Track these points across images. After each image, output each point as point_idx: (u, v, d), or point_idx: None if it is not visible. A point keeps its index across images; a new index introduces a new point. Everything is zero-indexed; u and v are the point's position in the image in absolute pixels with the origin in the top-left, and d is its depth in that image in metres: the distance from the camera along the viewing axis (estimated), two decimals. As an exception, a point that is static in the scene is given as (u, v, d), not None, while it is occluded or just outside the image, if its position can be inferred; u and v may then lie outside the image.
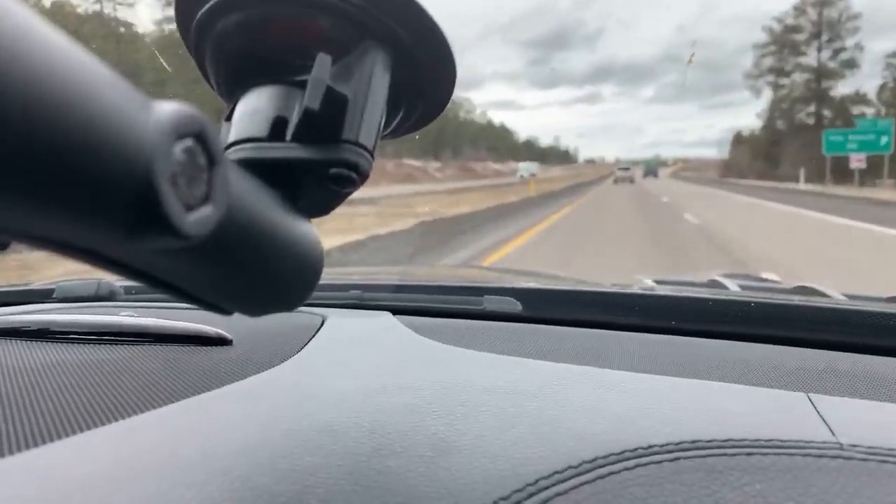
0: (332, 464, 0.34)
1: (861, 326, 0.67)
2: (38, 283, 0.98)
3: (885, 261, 6.78)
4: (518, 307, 0.79)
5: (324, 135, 0.27)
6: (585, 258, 6.82)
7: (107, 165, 0.15)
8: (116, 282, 0.93)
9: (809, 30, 52.24)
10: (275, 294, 0.27)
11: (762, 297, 0.76)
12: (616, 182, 38.66)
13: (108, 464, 0.36)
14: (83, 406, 0.45)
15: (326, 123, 0.27)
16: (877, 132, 33.90)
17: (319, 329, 0.68)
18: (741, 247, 7.69)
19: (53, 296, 0.91)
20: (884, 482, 0.33)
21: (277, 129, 0.27)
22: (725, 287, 1.02)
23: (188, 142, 0.18)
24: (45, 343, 0.62)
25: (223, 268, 0.23)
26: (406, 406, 0.43)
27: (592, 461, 0.34)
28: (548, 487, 0.32)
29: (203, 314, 0.40)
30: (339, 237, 7.16)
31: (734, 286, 1.01)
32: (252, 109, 0.27)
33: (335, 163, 0.27)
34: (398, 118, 0.32)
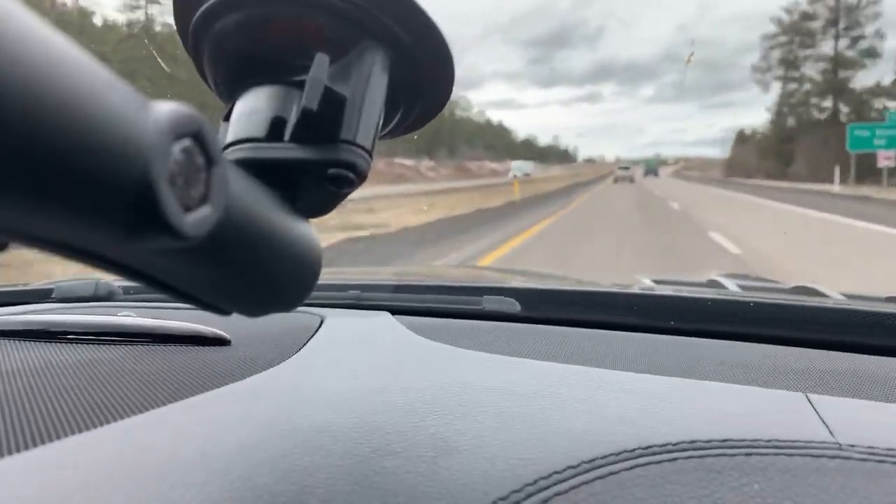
0: (331, 464, 0.34)
1: (860, 326, 0.67)
2: (37, 284, 0.98)
3: None
4: (517, 307, 0.79)
5: (322, 135, 0.27)
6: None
7: (105, 166, 0.15)
8: (115, 282, 0.93)
9: (825, 16, 48.09)
10: (273, 294, 0.27)
11: (761, 298, 0.76)
12: (616, 181, 38.42)
13: (107, 464, 0.36)
14: (82, 406, 0.45)
15: (325, 123, 0.26)
16: (909, 126, 27.85)
17: (318, 329, 0.68)
18: None
19: (52, 296, 0.91)
20: (882, 482, 0.33)
21: (276, 130, 0.27)
22: (725, 287, 1.02)
23: (186, 142, 0.18)
24: (44, 343, 0.62)
25: (221, 268, 0.23)
26: (405, 406, 0.43)
27: (591, 461, 0.34)
28: (547, 488, 0.32)
29: (201, 314, 0.40)
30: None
31: (733, 286, 1.01)
32: (250, 109, 0.27)
33: (333, 163, 0.27)
34: (397, 118, 0.32)
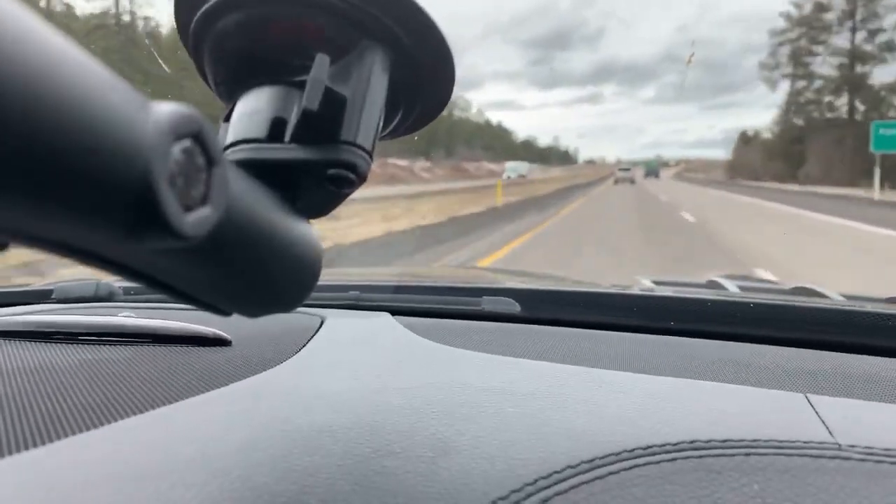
0: (331, 464, 0.34)
1: (859, 327, 0.67)
2: (38, 284, 0.98)
3: None
4: (516, 308, 0.79)
5: (322, 135, 0.27)
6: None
7: (105, 166, 0.15)
8: (115, 282, 0.93)
9: (841, 7, 45.28)
10: (273, 295, 0.27)
11: (761, 298, 0.76)
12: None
13: (108, 464, 0.36)
14: (82, 406, 0.45)
15: (325, 124, 0.27)
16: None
17: (318, 330, 0.68)
18: None
19: (52, 296, 0.91)
20: (881, 482, 0.33)
21: (276, 130, 0.27)
22: (724, 288, 1.02)
23: (186, 142, 0.18)
24: (44, 344, 0.62)
25: (222, 268, 0.23)
26: (405, 406, 0.43)
27: (591, 462, 0.35)
28: (546, 488, 0.32)
29: (201, 315, 0.40)
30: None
31: (733, 287, 1.01)
32: (251, 110, 0.27)
33: (333, 163, 0.27)
34: (397, 118, 0.32)
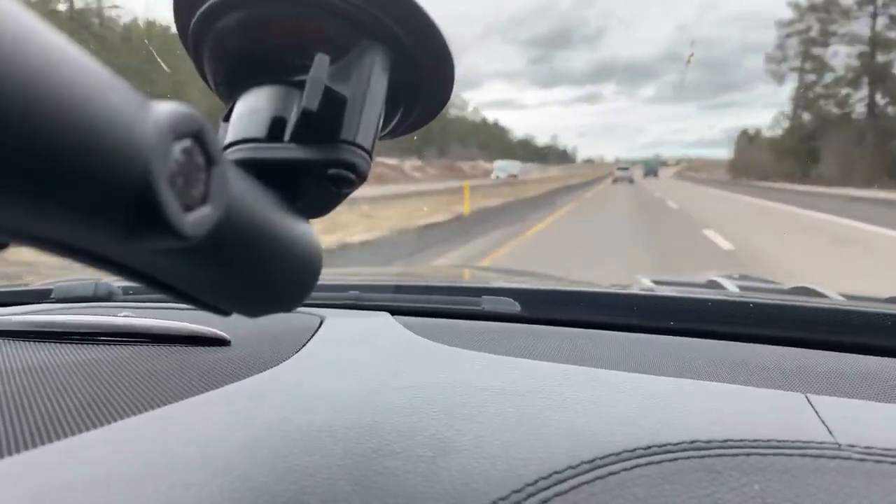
0: (331, 464, 0.34)
1: (859, 327, 0.67)
2: (37, 284, 0.98)
3: None
4: (516, 308, 0.79)
5: (322, 135, 0.27)
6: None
7: (105, 166, 0.15)
8: (115, 282, 0.93)
9: None
10: (273, 295, 0.27)
11: (761, 298, 0.76)
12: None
13: (107, 464, 0.36)
14: (81, 407, 0.45)
15: (325, 124, 0.26)
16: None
17: (318, 329, 0.68)
18: None
19: (51, 296, 0.91)
20: (881, 482, 0.33)
21: (276, 130, 0.27)
22: (724, 288, 1.02)
23: (186, 142, 0.18)
24: (43, 343, 0.62)
25: (221, 268, 0.23)
26: (405, 406, 0.43)
27: (591, 462, 0.35)
28: (547, 488, 0.32)
29: (201, 315, 0.40)
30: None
31: (733, 287, 1.01)
32: (250, 110, 0.27)
33: (333, 163, 0.27)
34: (397, 118, 0.32)
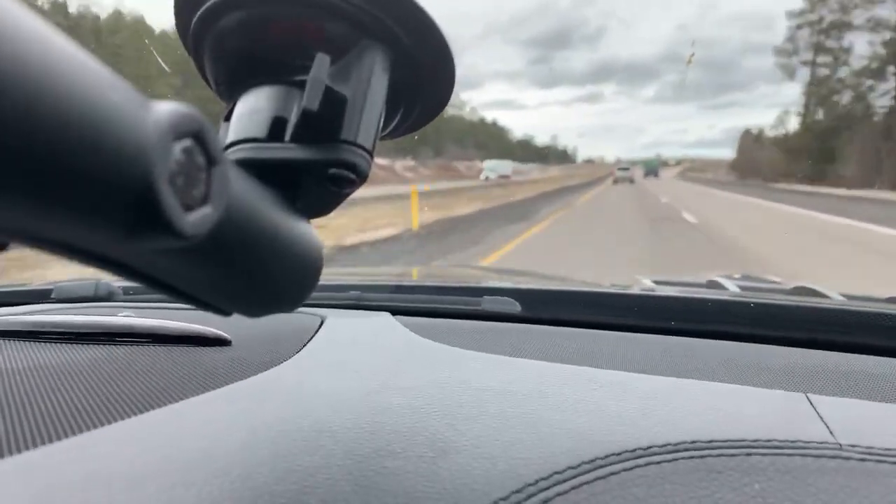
0: (332, 464, 0.34)
1: (860, 327, 0.67)
2: (37, 284, 0.98)
3: None
4: (517, 308, 0.79)
5: (322, 135, 0.27)
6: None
7: (106, 165, 0.15)
8: (115, 282, 0.93)
9: None
10: (274, 295, 0.27)
11: (761, 298, 0.76)
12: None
13: (108, 465, 0.36)
14: (82, 407, 0.45)
15: (325, 124, 0.26)
16: None
17: (318, 329, 0.68)
18: None
19: (52, 296, 0.91)
20: (882, 482, 0.33)
21: (276, 130, 0.27)
22: (725, 288, 1.02)
23: (187, 142, 0.18)
24: (44, 344, 0.62)
25: (222, 268, 0.23)
26: (405, 406, 0.43)
27: (592, 462, 0.35)
28: (547, 488, 0.32)
29: (202, 315, 0.40)
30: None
31: (733, 287, 1.01)
32: (251, 109, 0.27)
33: (334, 163, 0.27)
34: (397, 118, 0.32)
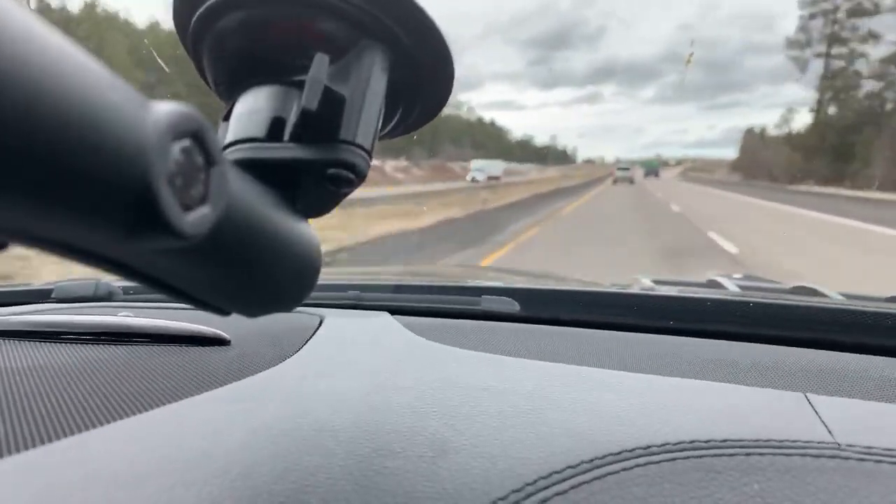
0: (331, 464, 0.34)
1: (859, 326, 0.67)
2: (37, 284, 0.98)
3: None
4: (516, 307, 0.79)
5: (321, 135, 0.27)
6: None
7: (105, 165, 0.15)
8: (115, 282, 0.93)
9: None
10: (273, 294, 0.27)
11: (761, 298, 0.76)
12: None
13: (107, 464, 0.36)
14: (81, 407, 0.45)
15: (324, 123, 0.26)
16: None
17: (317, 329, 0.68)
18: None
19: (52, 296, 0.91)
20: (881, 482, 0.33)
21: (275, 130, 0.27)
22: (724, 287, 1.02)
23: (186, 142, 0.18)
24: (44, 343, 0.62)
25: (221, 268, 0.23)
26: (404, 406, 0.43)
27: (591, 461, 0.35)
28: (546, 487, 0.32)
29: (201, 314, 0.40)
30: None
31: (733, 286, 1.01)
32: (250, 109, 0.27)
33: (333, 163, 0.27)
34: (396, 118, 0.32)
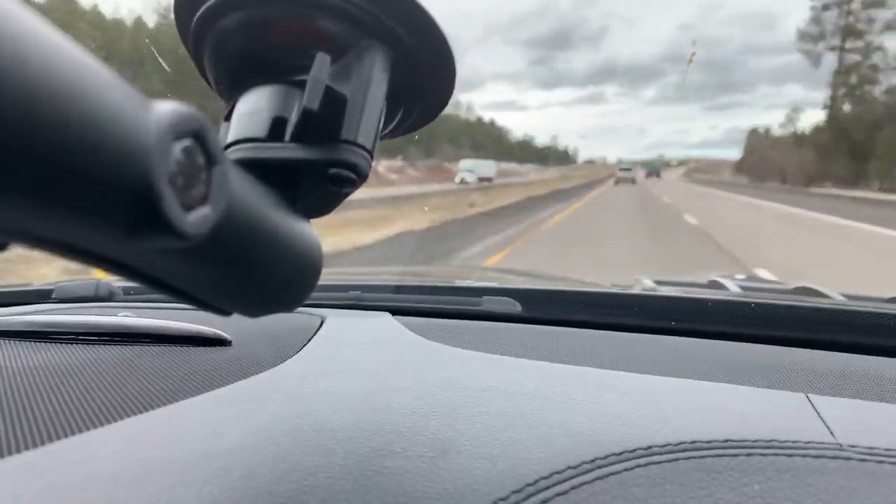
0: (332, 464, 0.34)
1: (861, 327, 0.67)
2: (37, 284, 0.98)
3: None
4: (517, 308, 0.79)
5: (323, 135, 0.27)
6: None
7: (105, 165, 0.15)
8: (115, 282, 0.93)
9: None
10: (274, 294, 0.27)
11: (762, 298, 0.76)
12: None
13: (108, 464, 0.36)
14: (82, 406, 0.45)
15: (325, 123, 0.26)
16: None
17: (318, 329, 0.68)
18: None
19: (52, 296, 0.91)
20: (882, 482, 0.33)
21: (276, 129, 0.27)
22: (725, 288, 1.02)
23: (187, 141, 0.18)
24: (44, 344, 0.62)
25: (222, 268, 0.23)
26: (405, 406, 0.43)
27: (592, 462, 0.34)
28: (547, 488, 0.32)
29: (202, 315, 0.40)
30: None
31: (734, 287, 1.01)
32: (251, 109, 0.27)
33: (334, 163, 0.27)
34: (398, 118, 0.32)
